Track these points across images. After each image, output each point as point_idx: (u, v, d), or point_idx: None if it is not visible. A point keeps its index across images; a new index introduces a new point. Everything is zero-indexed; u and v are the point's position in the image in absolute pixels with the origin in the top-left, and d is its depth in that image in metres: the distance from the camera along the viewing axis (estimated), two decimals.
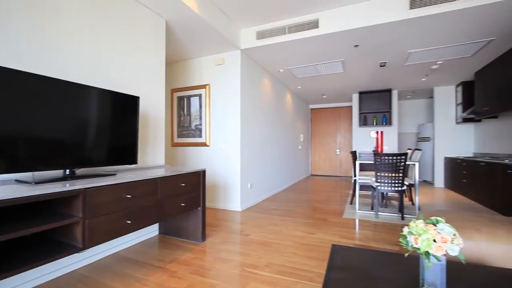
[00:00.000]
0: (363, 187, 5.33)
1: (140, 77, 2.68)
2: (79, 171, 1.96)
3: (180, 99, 4.43)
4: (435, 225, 1.01)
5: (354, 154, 4.60)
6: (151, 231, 2.84)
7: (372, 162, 3.71)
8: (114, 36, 2.39)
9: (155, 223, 2.08)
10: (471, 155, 5.83)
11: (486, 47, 3.81)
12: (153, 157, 2.86)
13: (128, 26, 2.53)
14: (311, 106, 9.01)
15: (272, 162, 5.36)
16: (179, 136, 4.44)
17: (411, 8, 2.90)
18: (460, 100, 5.86)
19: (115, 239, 2.19)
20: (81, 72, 2.10)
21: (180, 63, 4.46)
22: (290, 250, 2.43)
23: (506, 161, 3.69)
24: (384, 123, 6.76)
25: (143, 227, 1.95)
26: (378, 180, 3.55)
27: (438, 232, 0.98)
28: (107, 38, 2.32)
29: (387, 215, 3.65)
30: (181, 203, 2.34)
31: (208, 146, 4.20)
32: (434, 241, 0.98)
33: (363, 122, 7.00)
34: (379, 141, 4.31)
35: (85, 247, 1.55)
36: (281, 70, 5.01)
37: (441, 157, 6.28)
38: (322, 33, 3.35)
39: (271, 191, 5.27)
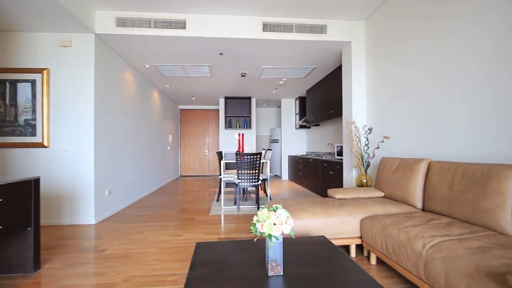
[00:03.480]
0: (228, 184, 5.82)
1: None
2: None
3: None
4: (275, 211, 1.27)
5: (220, 154, 4.93)
6: None
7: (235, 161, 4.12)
8: None
9: None
10: (305, 154, 7.61)
11: (312, 73, 5.10)
12: None
13: None
14: (181, 107, 8.90)
15: (137, 164, 4.88)
16: None
17: (263, 31, 3.46)
18: (297, 111, 7.53)
19: None
20: None
21: None
22: (154, 258, 2.32)
23: (324, 157, 5.09)
24: (245, 127, 7.65)
25: None
26: (240, 177, 3.99)
27: (277, 217, 1.24)
28: None
29: (247, 207, 4.17)
30: None
31: (46, 147, 3.30)
32: (275, 224, 1.23)
33: (229, 125, 7.63)
34: (241, 142, 4.85)
35: None
36: (147, 66, 4.67)
37: (286, 156, 7.83)
38: (190, 35, 3.40)
39: (135, 196, 4.78)
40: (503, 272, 1.11)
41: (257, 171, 3.99)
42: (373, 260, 2.16)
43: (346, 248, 2.45)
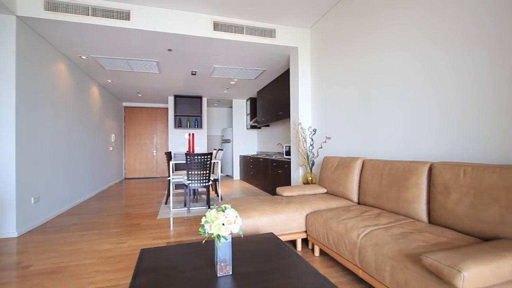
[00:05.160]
0: (177, 185, 5.61)
1: None
2: None
3: None
4: (224, 211, 1.28)
5: (169, 154, 4.72)
6: None
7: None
8: None
9: None
10: (256, 153, 7.77)
11: (262, 75, 5.24)
12: None
13: None
14: (125, 104, 8.24)
15: (72, 167, 4.35)
16: None
17: (214, 30, 3.43)
18: (248, 111, 7.64)
19: None
20: None
21: None
22: (92, 269, 2.11)
23: (273, 157, 5.28)
24: (196, 126, 7.46)
25: None
26: (190, 178, 3.88)
27: (226, 217, 1.25)
28: None
29: (198, 209, 4.08)
30: None
31: None
32: (223, 224, 1.24)
33: (178, 124, 7.34)
34: (191, 143, 4.72)
35: None
36: (84, 57, 4.20)
37: (237, 156, 7.88)
38: (134, 27, 3.17)
39: (70, 202, 4.26)
40: (419, 253, 1.31)
41: (207, 171, 3.93)
42: (317, 252, 2.32)
43: (293, 242, 2.59)
